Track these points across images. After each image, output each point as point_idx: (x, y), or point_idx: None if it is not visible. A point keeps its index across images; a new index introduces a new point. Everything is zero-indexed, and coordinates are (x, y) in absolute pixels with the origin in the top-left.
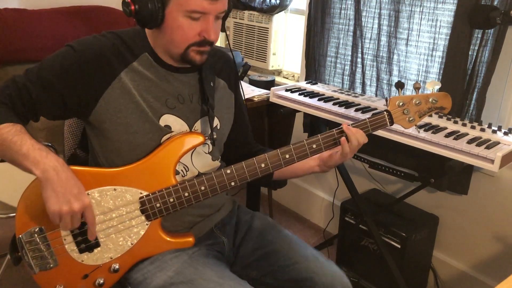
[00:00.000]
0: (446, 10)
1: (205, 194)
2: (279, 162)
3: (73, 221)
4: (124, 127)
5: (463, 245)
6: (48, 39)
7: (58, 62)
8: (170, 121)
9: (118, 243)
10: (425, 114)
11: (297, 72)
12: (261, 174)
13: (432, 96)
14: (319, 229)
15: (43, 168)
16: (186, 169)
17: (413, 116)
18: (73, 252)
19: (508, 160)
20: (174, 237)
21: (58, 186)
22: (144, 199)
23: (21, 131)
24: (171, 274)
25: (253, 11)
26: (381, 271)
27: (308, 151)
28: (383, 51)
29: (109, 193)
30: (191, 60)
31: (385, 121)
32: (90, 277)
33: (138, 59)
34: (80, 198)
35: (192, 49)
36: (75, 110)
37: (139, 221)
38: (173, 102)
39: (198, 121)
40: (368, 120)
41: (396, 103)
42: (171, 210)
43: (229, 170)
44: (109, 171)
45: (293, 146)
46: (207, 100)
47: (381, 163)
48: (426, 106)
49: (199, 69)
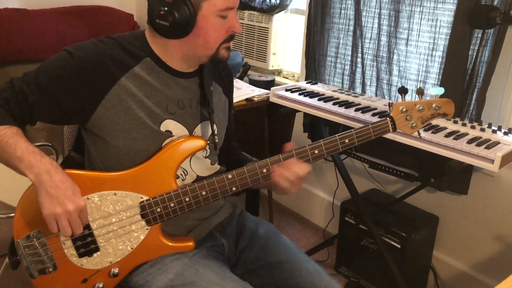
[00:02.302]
0: (446, 10)
1: (206, 199)
2: None
3: (72, 225)
4: (123, 134)
5: (463, 245)
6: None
7: (56, 68)
8: (171, 127)
9: (118, 247)
10: (428, 120)
11: (297, 72)
12: (262, 179)
13: (435, 102)
14: (319, 229)
15: (37, 172)
16: (185, 173)
17: (416, 122)
18: (72, 257)
19: (508, 160)
20: (174, 241)
21: (51, 188)
22: (144, 204)
23: (17, 133)
24: (172, 277)
25: (253, 11)
26: (381, 271)
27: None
28: (383, 51)
29: (109, 198)
30: (221, 57)
31: (388, 127)
32: (89, 281)
33: (139, 63)
34: (74, 200)
35: (223, 46)
36: (73, 116)
37: (139, 226)
38: (174, 107)
39: (198, 126)
40: (371, 126)
41: (399, 109)
42: (171, 215)
43: (231, 175)
44: (109, 175)
45: (295, 152)
46: (207, 105)
47: (381, 163)
48: (429, 112)
49: (200, 74)
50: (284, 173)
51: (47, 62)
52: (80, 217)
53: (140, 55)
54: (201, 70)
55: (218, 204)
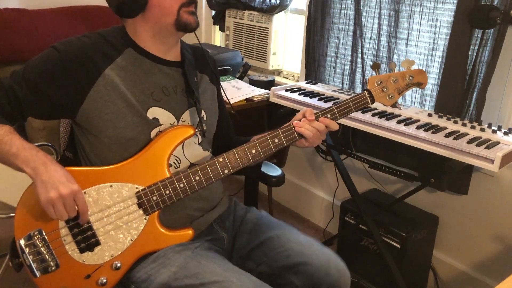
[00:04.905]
0: (446, 10)
1: (200, 184)
2: (269, 147)
3: (67, 209)
4: (112, 123)
5: (463, 245)
6: (48, 39)
7: (42, 63)
8: (158, 114)
9: (118, 240)
10: (404, 91)
11: (297, 72)
12: (253, 160)
13: (408, 73)
14: (319, 229)
15: (33, 166)
16: (179, 161)
17: (393, 93)
18: (73, 252)
19: (508, 160)
20: (173, 230)
21: (46, 177)
22: (140, 193)
23: (10, 131)
24: (175, 270)
25: (253, 11)
26: (381, 271)
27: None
28: (383, 51)
29: (105, 190)
30: (186, 23)
31: (366, 99)
32: (92, 277)
33: (122, 54)
34: (67, 185)
35: (183, 10)
36: (62, 109)
37: (137, 216)
38: (159, 94)
39: (186, 112)
40: (350, 100)
41: (374, 82)
42: (167, 202)
43: (221, 158)
44: (103, 169)
45: (281, 130)
46: (192, 93)
47: (381, 163)
48: (404, 83)
49: (181, 65)
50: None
51: (34, 59)
52: (76, 201)
53: (122, 46)
54: (182, 61)
55: (216, 196)
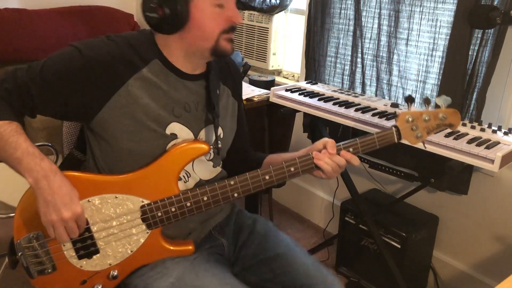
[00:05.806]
0: (446, 10)
1: (207, 205)
2: (283, 175)
3: (68, 231)
4: (128, 135)
5: (463, 245)
6: (48, 39)
7: (63, 65)
8: (176, 130)
9: (118, 250)
10: (433, 131)
11: (297, 72)
12: (265, 186)
13: (441, 112)
14: (319, 229)
15: (35, 177)
16: (188, 175)
17: (421, 132)
18: (72, 258)
19: (508, 160)
20: (174, 245)
21: (48, 195)
22: (145, 208)
23: (17, 131)
24: (173, 281)
25: (253, 11)
26: (381, 271)
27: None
28: (383, 51)
29: (110, 201)
30: (223, 50)
31: (393, 137)
32: (88, 282)
33: (148, 65)
34: (71, 207)
35: (223, 37)
36: (76, 113)
37: (140, 230)
38: (180, 110)
39: (203, 130)
40: (376, 136)
41: (405, 118)
42: (172, 219)
43: (233, 182)
44: (110, 178)
45: (299, 160)
46: (213, 109)
47: (381, 163)
48: (435, 123)
49: (206, 76)
50: (332, 161)
51: (54, 57)
52: (77, 223)
53: (149, 56)
54: (208, 72)
55: (217, 208)
